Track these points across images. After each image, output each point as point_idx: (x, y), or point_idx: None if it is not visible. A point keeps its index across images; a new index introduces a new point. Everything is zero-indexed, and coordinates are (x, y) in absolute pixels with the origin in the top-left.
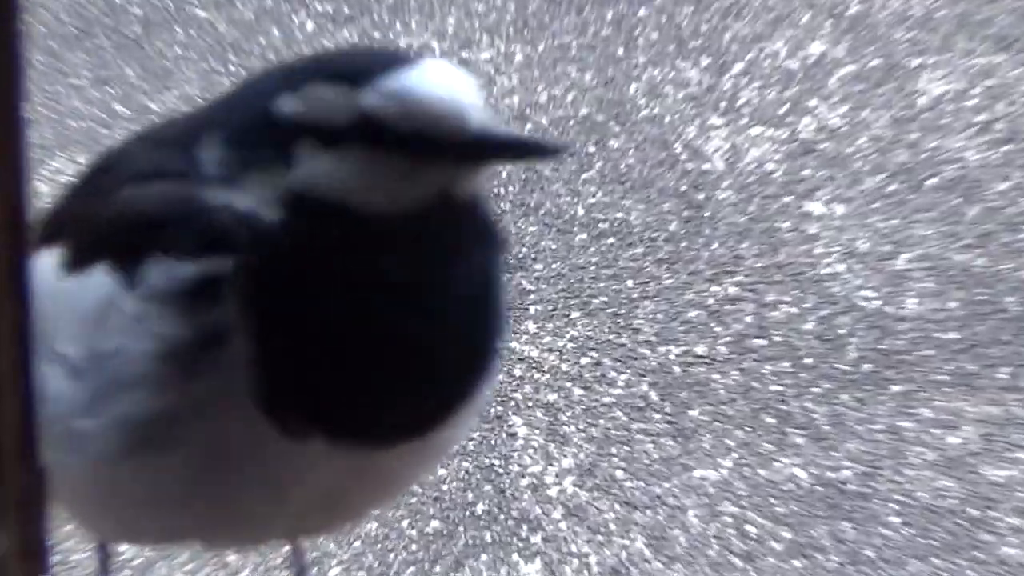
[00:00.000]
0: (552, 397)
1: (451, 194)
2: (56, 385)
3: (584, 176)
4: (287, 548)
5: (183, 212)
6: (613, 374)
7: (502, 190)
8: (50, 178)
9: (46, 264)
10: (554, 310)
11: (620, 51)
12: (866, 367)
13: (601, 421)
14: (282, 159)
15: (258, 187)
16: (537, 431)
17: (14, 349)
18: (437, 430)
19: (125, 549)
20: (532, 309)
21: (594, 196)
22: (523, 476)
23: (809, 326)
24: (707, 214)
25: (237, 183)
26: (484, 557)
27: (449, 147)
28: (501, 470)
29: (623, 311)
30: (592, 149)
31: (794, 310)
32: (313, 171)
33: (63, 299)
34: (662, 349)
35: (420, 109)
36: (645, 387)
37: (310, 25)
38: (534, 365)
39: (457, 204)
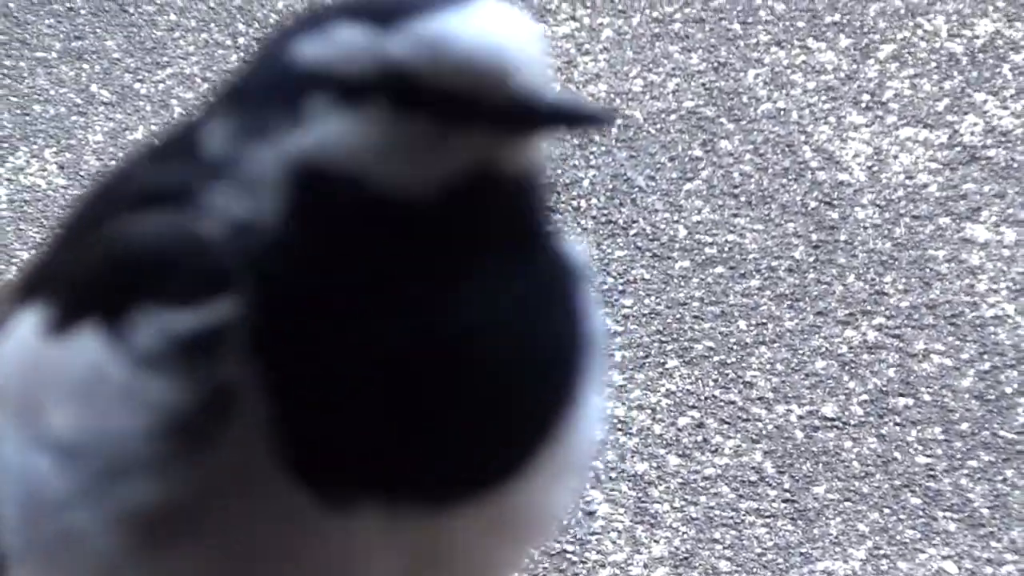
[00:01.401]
0: (641, 467)
1: (491, 171)
2: (45, 472)
3: (687, 187)
4: None
5: (171, 249)
6: (719, 439)
7: (583, 203)
8: (9, 178)
9: (26, 326)
10: (646, 357)
11: (736, 27)
12: None
13: (702, 498)
14: (294, 118)
15: (260, 162)
16: (622, 509)
17: None
18: (510, 484)
19: None
20: (618, 356)
21: (699, 213)
22: (603, 566)
23: (967, 382)
24: (842, 238)
25: (240, 164)
26: None
27: (487, 110)
28: (575, 557)
29: (733, 360)
30: (698, 152)
31: (949, 361)
32: (325, 132)
33: (47, 368)
34: (781, 409)
35: (456, 61)
36: (759, 456)
37: None
38: (619, 426)
39: (501, 187)
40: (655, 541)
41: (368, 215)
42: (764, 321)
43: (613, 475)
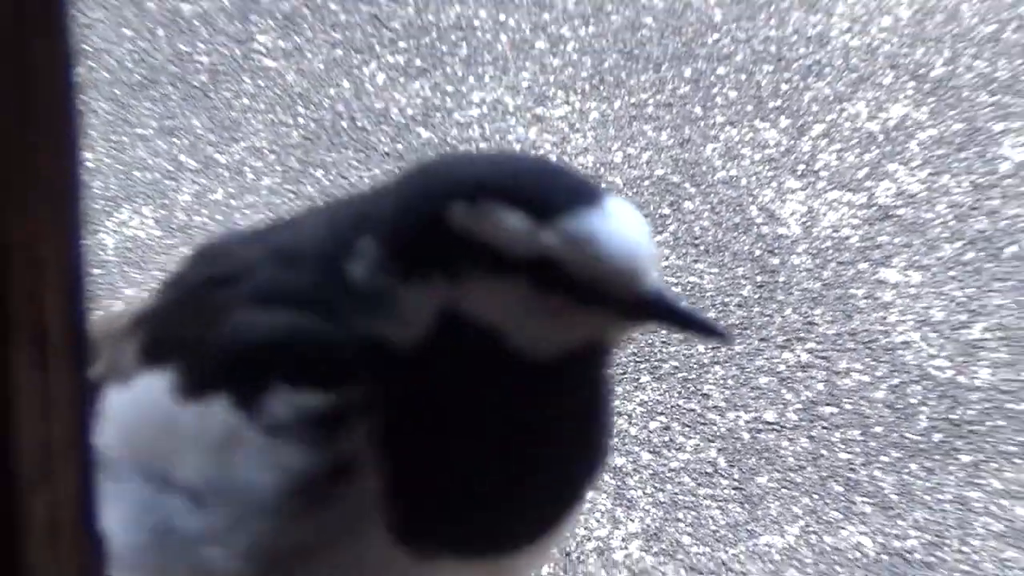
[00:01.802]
0: (620, 461)
1: (600, 342)
2: (177, 511)
3: (658, 238)
4: None
5: (307, 343)
6: (682, 439)
7: None
8: (115, 230)
9: (156, 386)
10: (624, 374)
11: (697, 110)
12: (936, 436)
13: (668, 486)
14: (447, 272)
15: (414, 299)
16: (604, 495)
17: (71, 416)
18: (553, 535)
19: None
20: None
21: (667, 259)
22: (589, 540)
23: (880, 394)
24: (781, 279)
25: (386, 297)
26: None
27: (619, 302)
28: (567, 533)
29: (693, 376)
30: (666, 211)
31: (865, 378)
32: (479, 294)
33: (181, 427)
34: (731, 415)
35: (601, 259)
36: (713, 453)
37: (380, 77)
38: None
39: (600, 350)
40: (631, 520)
41: (496, 359)
42: (718, 345)
43: None
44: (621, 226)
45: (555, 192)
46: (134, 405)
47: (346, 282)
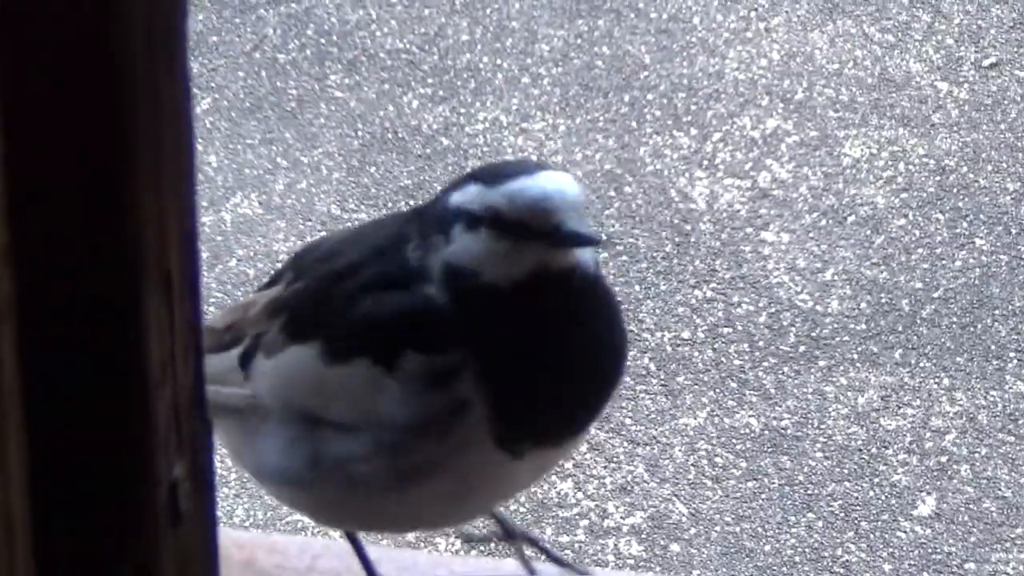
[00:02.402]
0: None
1: (550, 268)
2: (329, 440)
3: (606, 212)
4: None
5: (418, 318)
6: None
7: None
8: (231, 210)
9: (305, 355)
10: None
11: (633, 124)
12: (801, 348)
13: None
14: (446, 237)
15: (434, 266)
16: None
17: (187, 336)
18: (591, 423)
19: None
20: None
21: (613, 226)
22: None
23: (762, 319)
24: (692, 240)
25: (428, 268)
26: None
27: (543, 236)
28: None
29: (631, 307)
30: (612, 193)
31: (752, 308)
32: (459, 246)
33: (330, 383)
34: (659, 334)
35: (522, 205)
36: (646, 360)
37: (415, 103)
38: None
39: (558, 276)
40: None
41: (484, 293)
42: (649, 287)
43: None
44: (541, 184)
45: (503, 169)
46: (287, 369)
47: (410, 265)
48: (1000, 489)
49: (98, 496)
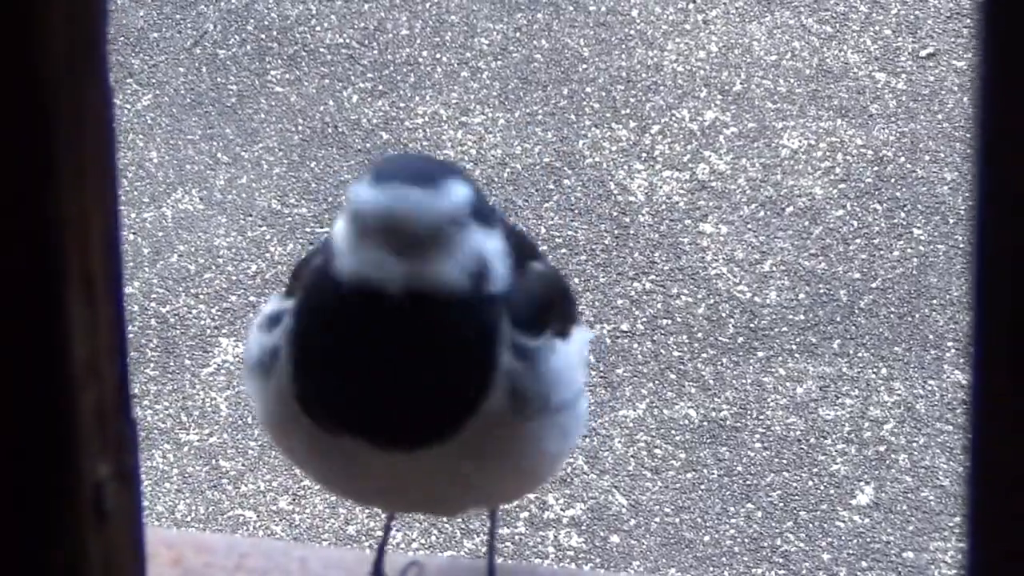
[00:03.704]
0: None
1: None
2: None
3: (545, 205)
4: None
5: (294, 270)
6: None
7: None
8: (172, 205)
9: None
10: None
11: (572, 117)
12: (740, 339)
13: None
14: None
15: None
16: None
17: (110, 336)
18: (441, 442)
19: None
20: None
21: (552, 219)
22: None
23: (700, 310)
24: (631, 232)
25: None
26: None
27: (369, 232)
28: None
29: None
30: (551, 186)
31: (690, 299)
32: (339, 223)
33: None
34: (598, 326)
35: (358, 211)
36: (585, 352)
37: (355, 98)
38: None
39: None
40: None
41: (335, 284)
42: (588, 279)
43: None
44: (381, 196)
45: (377, 171)
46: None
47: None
48: (938, 478)
49: (22, 495)
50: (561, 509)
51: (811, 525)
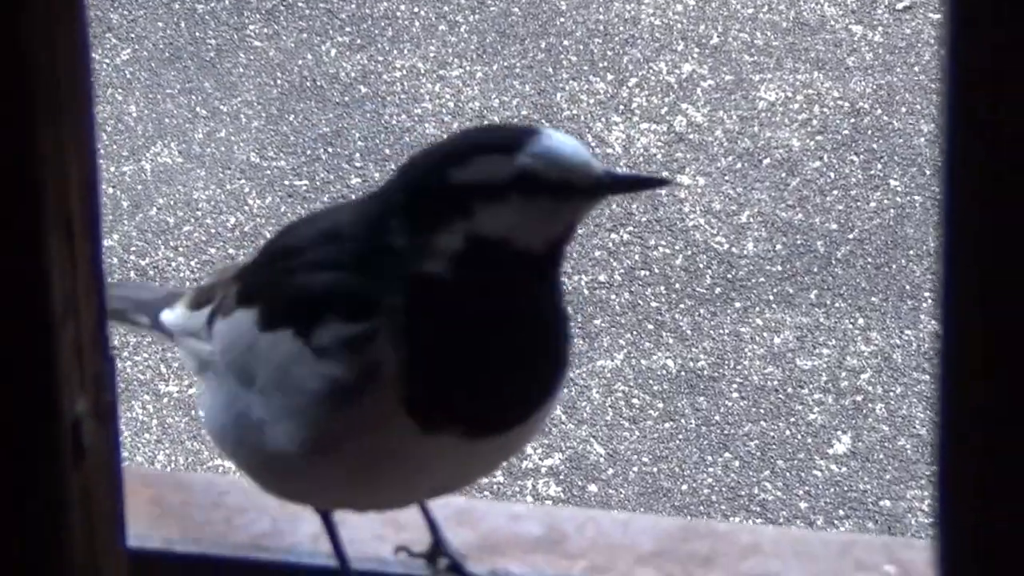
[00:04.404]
0: None
1: (575, 228)
2: (254, 404)
3: None
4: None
5: (343, 293)
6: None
7: None
8: (151, 159)
9: (246, 319)
10: None
11: (550, 70)
12: (717, 290)
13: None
14: (460, 214)
15: (444, 240)
16: None
17: (89, 274)
18: (531, 421)
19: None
20: None
21: None
22: None
23: (678, 261)
24: None
25: (424, 248)
26: None
27: (583, 187)
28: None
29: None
30: None
31: (668, 251)
32: (486, 217)
33: (260, 348)
34: (576, 277)
35: (561, 162)
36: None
37: (333, 51)
38: None
39: (565, 245)
40: None
41: (511, 264)
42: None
43: None
44: (563, 140)
45: (508, 135)
46: (233, 330)
47: (392, 249)
48: (915, 427)
49: (1, 430)
50: (539, 459)
51: (788, 474)
